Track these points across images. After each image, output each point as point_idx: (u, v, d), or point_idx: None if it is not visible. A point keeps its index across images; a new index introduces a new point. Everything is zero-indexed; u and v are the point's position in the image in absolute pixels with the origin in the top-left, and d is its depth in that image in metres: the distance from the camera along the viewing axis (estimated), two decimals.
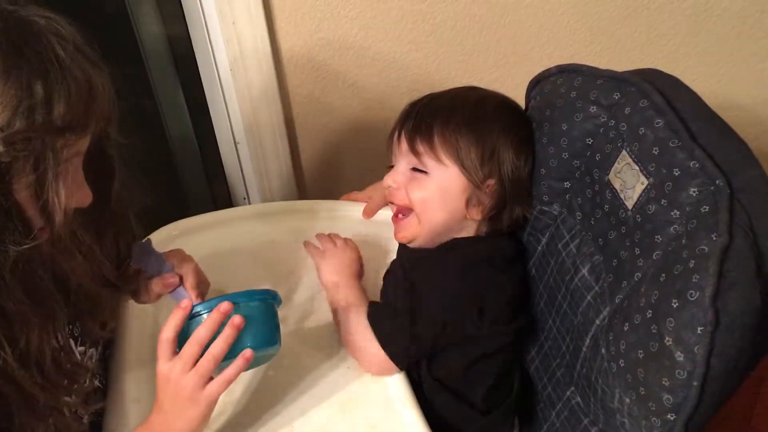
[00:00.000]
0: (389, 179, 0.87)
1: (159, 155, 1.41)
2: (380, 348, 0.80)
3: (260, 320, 0.71)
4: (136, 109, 1.39)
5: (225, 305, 0.68)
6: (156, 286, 0.79)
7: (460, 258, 0.84)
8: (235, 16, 1.06)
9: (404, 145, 0.85)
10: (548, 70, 0.84)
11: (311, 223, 1.04)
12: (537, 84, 0.86)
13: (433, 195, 0.84)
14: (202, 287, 0.81)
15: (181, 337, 0.68)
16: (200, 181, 1.42)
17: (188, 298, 0.76)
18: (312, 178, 1.29)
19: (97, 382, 0.79)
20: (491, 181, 0.84)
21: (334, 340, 0.87)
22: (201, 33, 1.11)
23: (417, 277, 0.85)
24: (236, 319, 0.67)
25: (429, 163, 0.83)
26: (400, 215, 0.88)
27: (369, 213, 1.03)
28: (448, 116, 0.83)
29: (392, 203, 0.89)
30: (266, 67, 1.11)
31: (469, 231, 0.88)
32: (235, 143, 1.23)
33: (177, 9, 1.16)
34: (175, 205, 1.46)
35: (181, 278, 0.79)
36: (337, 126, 1.23)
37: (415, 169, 0.85)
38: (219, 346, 0.67)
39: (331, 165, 1.28)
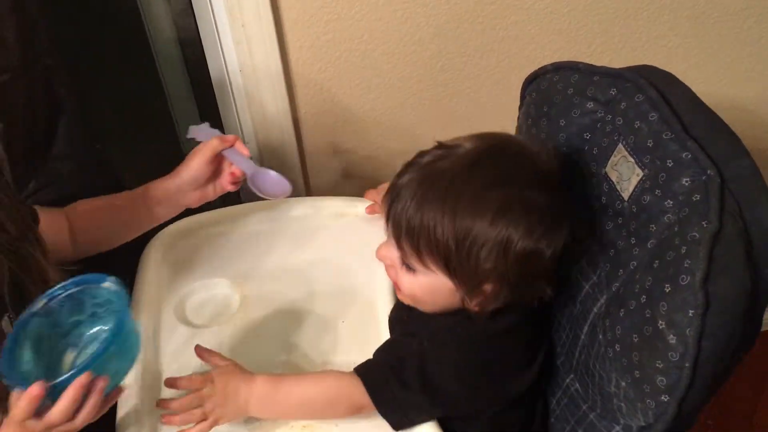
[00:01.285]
0: (381, 252, 0.78)
1: (171, 156, 1.44)
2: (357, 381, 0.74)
3: (119, 358, 0.66)
4: (148, 110, 1.42)
5: (83, 379, 0.61)
6: (217, 143, 0.90)
7: (480, 332, 0.75)
8: (245, 19, 1.08)
9: (391, 230, 0.74)
10: (544, 67, 0.86)
11: (317, 219, 1.07)
12: (533, 81, 0.88)
13: (423, 292, 0.76)
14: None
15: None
16: None
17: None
18: (318, 177, 1.31)
19: None
20: (488, 286, 0.72)
21: (335, 338, 0.89)
22: (211, 35, 1.14)
23: (429, 345, 0.76)
24: (99, 383, 0.63)
25: (415, 264, 0.74)
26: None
27: (371, 211, 1.04)
28: (441, 210, 0.69)
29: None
30: (275, 68, 1.14)
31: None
32: (244, 143, 1.26)
33: (188, 12, 1.19)
34: None
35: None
36: (343, 125, 1.25)
37: (402, 262, 0.76)
38: (88, 414, 0.64)
39: (337, 163, 1.30)
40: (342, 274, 0.97)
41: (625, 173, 0.74)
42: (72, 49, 1.06)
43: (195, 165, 0.91)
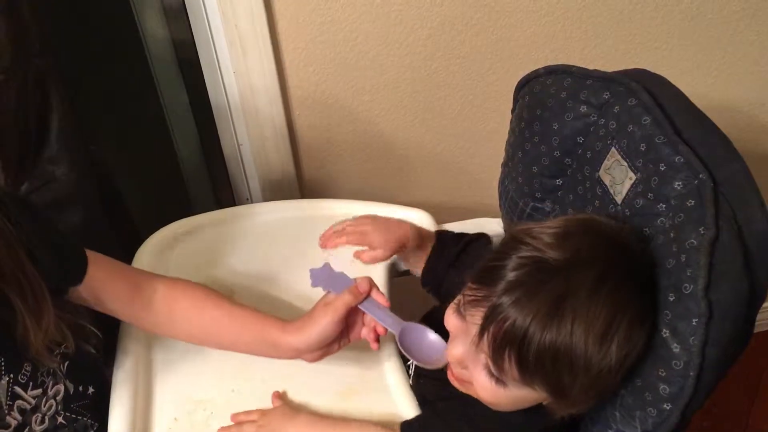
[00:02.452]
0: (457, 356, 0.70)
1: (164, 157, 1.44)
2: None
3: None
4: (142, 112, 1.42)
5: None
6: (350, 299, 0.77)
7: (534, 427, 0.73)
8: (238, 20, 1.08)
9: (485, 347, 0.66)
10: (537, 70, 0.86)
11: (311, 220, 1.07)
12: (526, 84, 0.88)
13: (506, 402, 0.70)
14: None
15: None
16: (204, 182, 1.45)
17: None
18: (313, 179, 1.31)
19: (61, 419, 0.76)
20: (583, 397, 0.68)
21: None
22: (205, 36, 1.14)
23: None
24: None
25: (511, 382, 0.67)
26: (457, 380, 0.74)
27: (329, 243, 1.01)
28: (564, 339, 0.62)
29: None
30: (268, 70, 1.14)
31: None
32: (238, 145, 1.26)
33: (181, 13, 1.18)
34: (180, 206, 1.48)
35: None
36: (337, 127, 1.25)
37: (490, 373, 0.68)
38: None
39: (332, 165, 1.30)
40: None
41: (618, 177, 0.75)
42: (65, 50, 1.05)
43: (325, 325, 0.77)
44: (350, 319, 0.79)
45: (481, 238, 0.95)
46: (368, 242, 0.98)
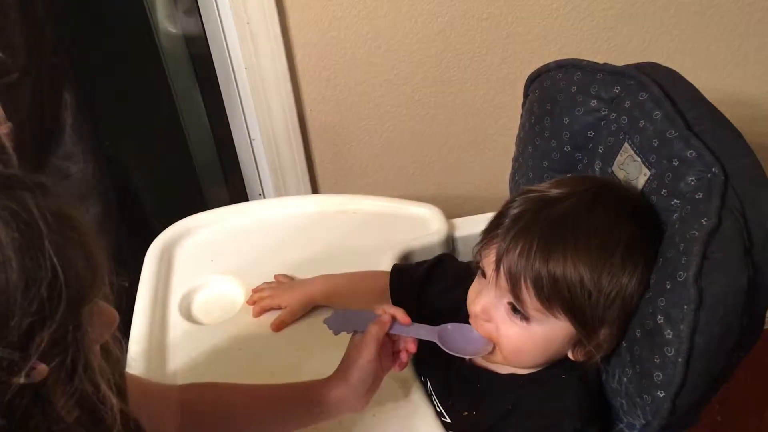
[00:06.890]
0: (477, 306, 0.72)
1: (177, 152, 1.46)
2: None
3: None
4: (155, 108, 1.43)
5: None
6: (377, 330, 0.72)
7: (590, 381, 0.74)
8: (250, 16, 1.09)
9: (503, 282, 0.69)
10: (547, 65, 0.86)
11: (323, 216, 1.07)
12: (536, 78, 0.87)
13: (533, 345, 0.71)
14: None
15: None
16: (217, 177, 1.46)
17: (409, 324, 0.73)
18: (325, 174, 1.32)
19: None
20: (606, 331, 0.70)
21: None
22: (217, 32, 1.15)
23: (523, 406, 0.73)
24: None
25: (534, 314, 0.68)
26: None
27: (279, 327, 0.89)
28: (571, 256, 0.66)
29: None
30: (280, 65, 1.15)
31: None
32: (250, 140, 1.27)
33: (194, 10, 1.19)
34: (193, 202, 1.50)
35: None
36: (349, 122, 1.25)
37: (513, 309, 0.70)
38: None
39: (344, 160, 1.31)
40: (346, 269, 0.97)
41: (632, 173, 0.74)
42: (78, 47, 1.06)
43: (363, 366, 0.71)
44: (383, 348, 0.74)
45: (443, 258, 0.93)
46: (279, 303, 0.91)
